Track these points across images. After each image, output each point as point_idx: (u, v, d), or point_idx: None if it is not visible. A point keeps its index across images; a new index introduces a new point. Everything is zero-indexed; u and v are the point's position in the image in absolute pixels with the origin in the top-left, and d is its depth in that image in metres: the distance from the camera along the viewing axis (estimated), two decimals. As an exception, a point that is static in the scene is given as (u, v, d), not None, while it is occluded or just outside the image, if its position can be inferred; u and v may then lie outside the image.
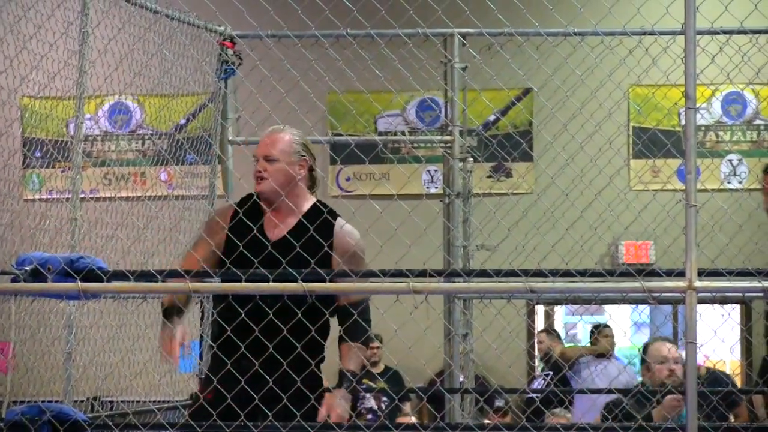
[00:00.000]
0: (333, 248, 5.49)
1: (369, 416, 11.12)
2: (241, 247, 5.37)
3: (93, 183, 12.53)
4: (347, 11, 6.38)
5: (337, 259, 5.44)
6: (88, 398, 8.31)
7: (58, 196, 8.99)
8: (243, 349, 5.28)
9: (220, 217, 5.62)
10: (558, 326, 13.69)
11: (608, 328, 12.01)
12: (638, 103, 13.00)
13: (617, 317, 13.39)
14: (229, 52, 7.89)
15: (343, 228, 5.56)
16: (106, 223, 7.43)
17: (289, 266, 5.04)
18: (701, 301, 4.40)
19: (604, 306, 13.73)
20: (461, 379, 7.46)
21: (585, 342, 12.53)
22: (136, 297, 6.87)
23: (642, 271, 4.59)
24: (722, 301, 6.83)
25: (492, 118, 13.13)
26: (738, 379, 12.55)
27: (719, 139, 13.40)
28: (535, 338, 12.74)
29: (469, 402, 7.68)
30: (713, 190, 11.04)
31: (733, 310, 12.02)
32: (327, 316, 5.44)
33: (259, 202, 5.59)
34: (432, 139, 11.63)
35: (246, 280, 4.67)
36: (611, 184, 11.54)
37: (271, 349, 5.25)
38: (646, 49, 8.43)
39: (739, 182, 13.20)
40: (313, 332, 5.34)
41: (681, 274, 4.32)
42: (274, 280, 4.60)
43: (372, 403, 11.41)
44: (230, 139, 8.00)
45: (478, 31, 7.88)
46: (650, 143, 12.80)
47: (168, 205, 8.06)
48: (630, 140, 13.23)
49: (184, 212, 7.89)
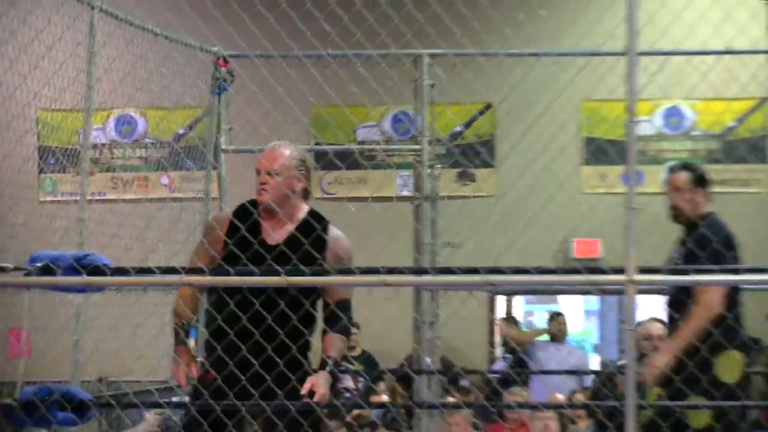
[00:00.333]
0: (326, 256, 5.46)
1: (347, 395, 11.11)
2: (244, 256, 5.32)
3: (101, 186, 12.53)
4: (327, 34, 6.38)
5: (329, 265, 5.42)
6: (93, 380, 8.31)
7: (68, 198, 8.96)
8: (234, 337, 5.29)
9: (219, 225, 5.57)
10: (518, 314, 13.70)
11: (561, 315, 12.07)
12: (588, 116, 13.02)
13: (572, 307, 13.41)
14: (222, 70, 7.88)
15: (335, 239, 5.52)
16: (110, 223, 7.41)
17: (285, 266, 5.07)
18: (642, 293, 4.41)
19: (558, 296, 13.77)
20: (428, 361, 7.46)
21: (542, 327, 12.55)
22: (137, 289, 6.88)
23: (587, 267, 4.60)
24: (658, 292, 6.79)
25: (458, 129, 13.14)
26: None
27: (661, 148, 13.42)
28: (495, 325, 12.76)
29: (436, 382, 7.67)
30: (654, 193, 11.05)
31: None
32: (308, 306, 5.43)
33: (253, 210, 5.50)
34: (401, 148, 11.64)
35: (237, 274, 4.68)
36: (564, 187, 11.60)
37: (257, 336, 5.24)
38: (595, 69, 8.45)
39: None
40: (295, 320, 5.34)
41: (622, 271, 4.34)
42: (261, 275, 4.61)
43: (350, 383, 11.41)
44: (223, 148, 8.00)
45: (444, 51, 7.88)
46: (599, 151, 12.84)
47: (167, 206, 8.06)
48: (581, 149, 13.24)
49: (181, 213, 7.88)
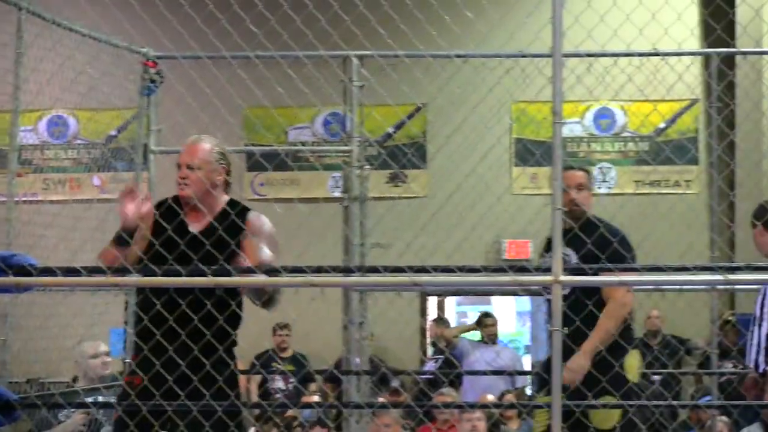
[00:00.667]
0: (247, 231, 5.46)
1: (278, 396, 11.12)
2: (165, 246, 5.33)
3: (32, 187, 12.43)
4: (254, 34, 6.36)
5: (251, 240, 5.43)
6: (22, 381, 8.25)
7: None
8: (160, 337, 5.27)
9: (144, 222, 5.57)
10: (451, 315, 13.76)
11: (491, 317, 12.09)
12: (517, 117, 13.10)
13: (504, 308, 13.50)
14: (151, 71, 7.86)
15: (255, 216, 5.55)
16: (37, 224, 7.36)
17: (207, 257, 5.15)
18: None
19: (491, 297, 13.85)
20: (357, 362, 7.47)
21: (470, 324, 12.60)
22: (64, 289, 6.87)
23: (513, 267, 4.65)
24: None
25: (391, 130, 13.19)
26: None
27: (591, 149, 13.53)
28: (426, 325, 12.80)
29: (365, 383, 7.69)
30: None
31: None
32: (234, 306, 5.43)
33: (174, 205, 5.57)
34: (330, 150, 11.66)
35: (162, 275, 4.68)
36: (494, 188, 11.65)
37: (184, 336, 5.24)
38: (523, 69, 8.49)
39: (609, 188, 13.33)
40: (221, 320, 5.33)
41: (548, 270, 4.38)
42: (187, 275, 4.61)
43: (281, 384, 11.42)
44: (152, 148, 7.98)
45: (371, 53, 7.89)
46: (527, 152, 12.91)
47: (94, 207, 8.02)
48: (511, 150, 13.31)
49: (108, 213, 7.84)
